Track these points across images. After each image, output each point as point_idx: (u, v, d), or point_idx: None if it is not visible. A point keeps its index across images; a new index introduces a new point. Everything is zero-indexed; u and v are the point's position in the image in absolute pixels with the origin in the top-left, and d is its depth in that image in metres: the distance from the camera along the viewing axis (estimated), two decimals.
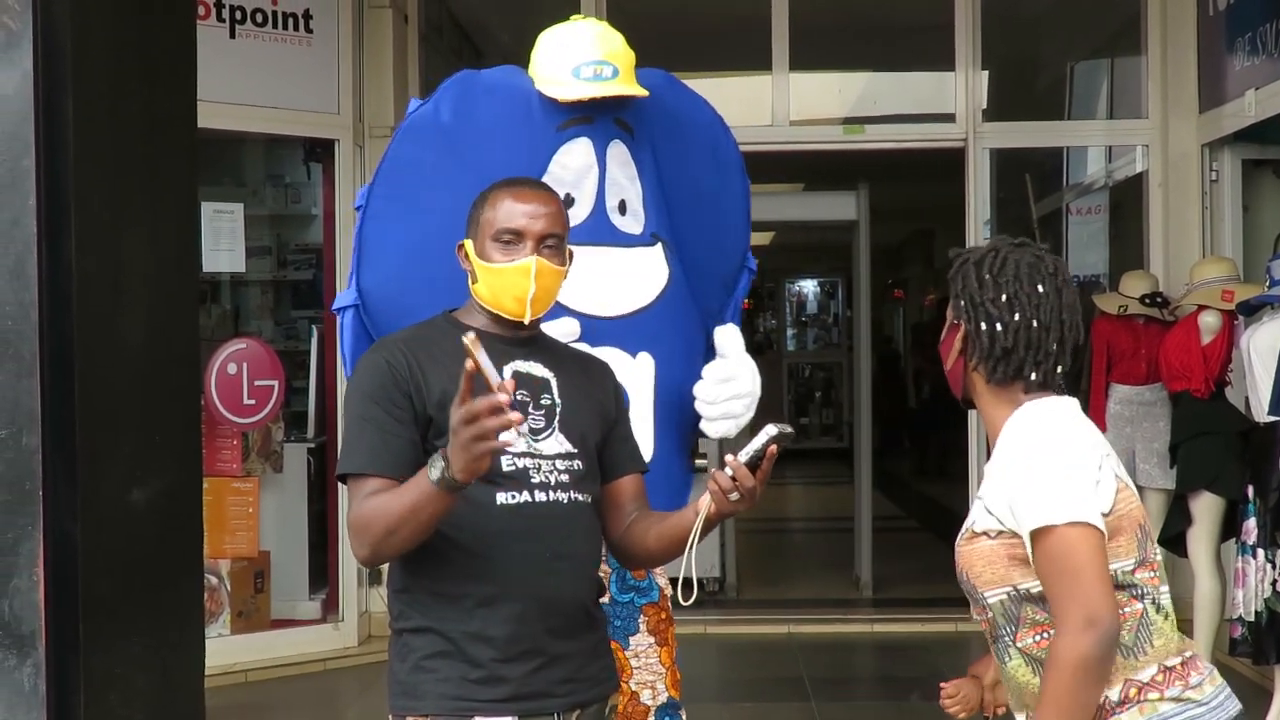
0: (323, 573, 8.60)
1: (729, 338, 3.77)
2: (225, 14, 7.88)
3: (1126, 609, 2.61)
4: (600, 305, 3.55)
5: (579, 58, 3.53)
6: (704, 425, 3.68)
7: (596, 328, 3.52)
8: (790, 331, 21.68)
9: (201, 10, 7.62)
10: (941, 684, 3.08)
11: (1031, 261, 2.78)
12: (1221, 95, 8.22)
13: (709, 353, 3.76)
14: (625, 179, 3.62)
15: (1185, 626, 7.21)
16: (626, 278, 3.60)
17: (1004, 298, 2.75)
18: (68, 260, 3.88)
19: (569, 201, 3.50)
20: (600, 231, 3.58)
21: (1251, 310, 6.46)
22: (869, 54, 11.30)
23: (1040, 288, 2.75)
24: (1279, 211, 8.55)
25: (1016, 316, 2.74)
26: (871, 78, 11.82)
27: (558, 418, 2.98)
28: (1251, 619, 6.13)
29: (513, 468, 2.88)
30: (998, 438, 2.75)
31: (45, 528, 3.68)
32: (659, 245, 3.67)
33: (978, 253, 2.83)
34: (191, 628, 4.70)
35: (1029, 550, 2.61)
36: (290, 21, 8.10)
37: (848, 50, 10.99)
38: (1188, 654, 2.69)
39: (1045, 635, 2.63)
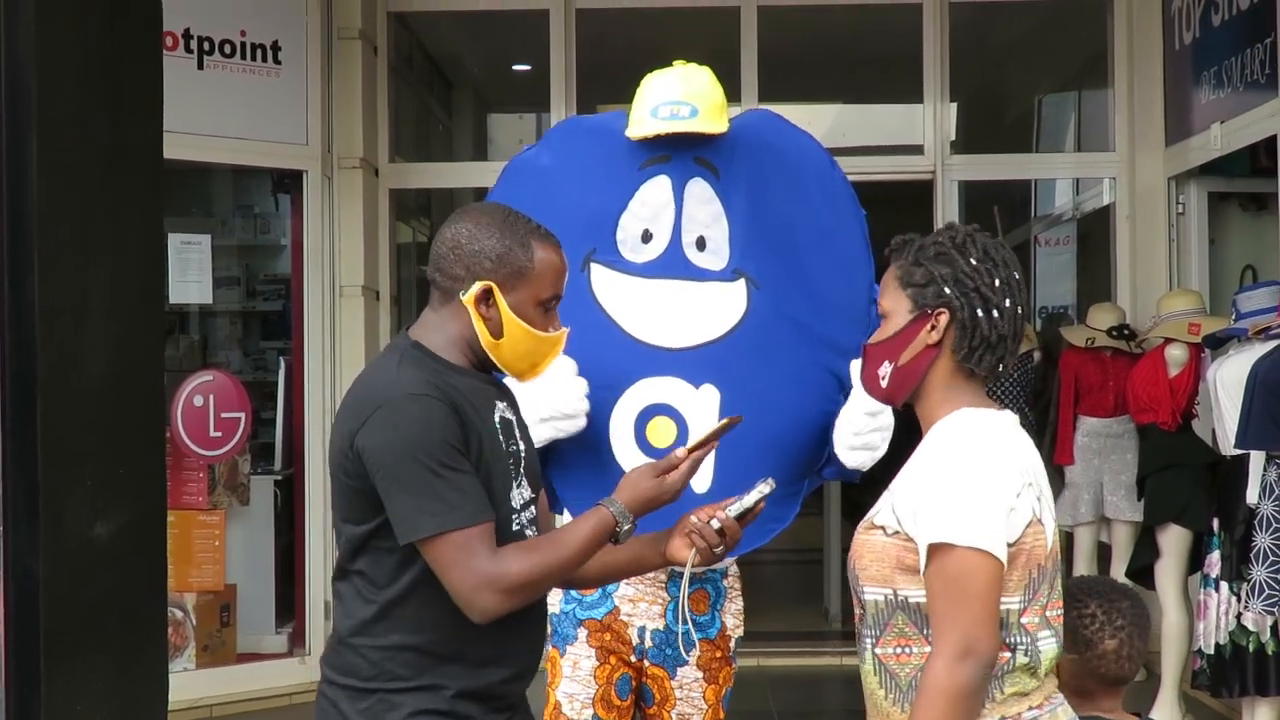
0: (289, 606, 8.52)
1: None
2: (193, 45, 7.84)
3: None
4: (662, 336, 3.61)
5: (659, 98, 3.59)
6: (842, 454, 3.63)
7: (657, 358, 3.59)
8: None
9: (169, 41, 7.57)
10: None
11: (999, 247, 2.67)
12: (1188, 128, 8.27)
13: (843, 389, 3.69)
14: (706, 216, 3.65)
15: (1154, 658, 7.26)
16: (694, 311, 3.63)
17: (997, 282, 2.61)
18: (31, 292, 3.86)
19: (646, 237, 3.62)
20: (673, 266, 3.65)
21: (1218, 343, 6.48)
22: (838, 86, 11.35)
23: (1016, 274, 2.65)
24: (1245, 244, 8.59)
25: (1008, 302, 2.61)
26: (840, 109, 11.87)
27: (522, 463, 2.93)
28: (1211, 651, 6.13)
29: (516, 524, 2.86)
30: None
31: (6, 563, 3.65)
32: (741, 280, 3.67)
33: (945, 236, 2.67)
34: (155, 663, 4.65)
35: (922, 561, 2.49)
36: (259, 53, 8.07)
37: (817, 82, 11.03)
38: (1041, 712, 2.56)
39: (906, 650, 2.54)
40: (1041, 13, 9.45)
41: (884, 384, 2.71)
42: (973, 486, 2.48)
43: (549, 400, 3.48)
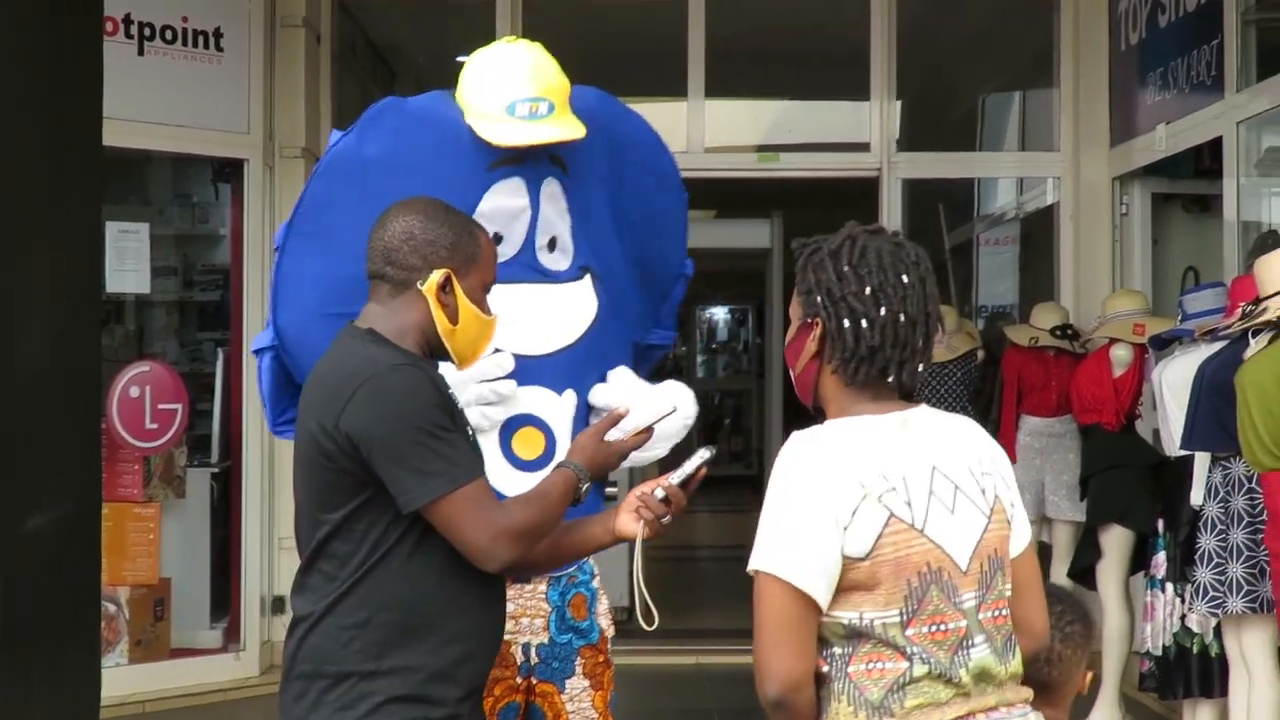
0: (224, 601, 8.43)
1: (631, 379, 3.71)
2: (134, 30, 7.72)
3: (877, 665, 2.44)
4: (527, 344, 3.48)
5: (513, 93, 3.41)
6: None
7: (523, 367, 3.46)
8: (700, 358, 21.67)
9: (109, 26, 7.44)
10: None
11: (892, 250, 2.56)
12: (1132, 129, 8.29)
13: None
14: (556, 215, 3.55)
15: (1095, 658, 7.25)
16: (553, 315, 3.54)
17: (867, 290, 2.51)
18: None
19: (497, 240, 3.41)
20: (526, 270, 3.51)
21: (1163, 344, 6.50)
22: (785, 82, 11.33)
23: (905, 278, 2.53)
24: (1188, 245, 8.62)
25: (882, 311, 2.51)
26: (787, 106, 11.86)
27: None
28: (1159, 653, 6.14)
29: None
30: None
31: None
32: (587, 278, 3.61)
33: (832, 241, 2.59)
34: (88, 659, 4.58)
35: None
36: (201, 39, 7.96)
37: (764, 78, 11.02)
38: None
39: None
40: (988, 11, 9.48)
41: (797, 389, 2.69)
42: (772, 512, 2.45)
43: (479, 379, 3.38)
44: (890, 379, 2.54)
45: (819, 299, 2.56)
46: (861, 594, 2.44)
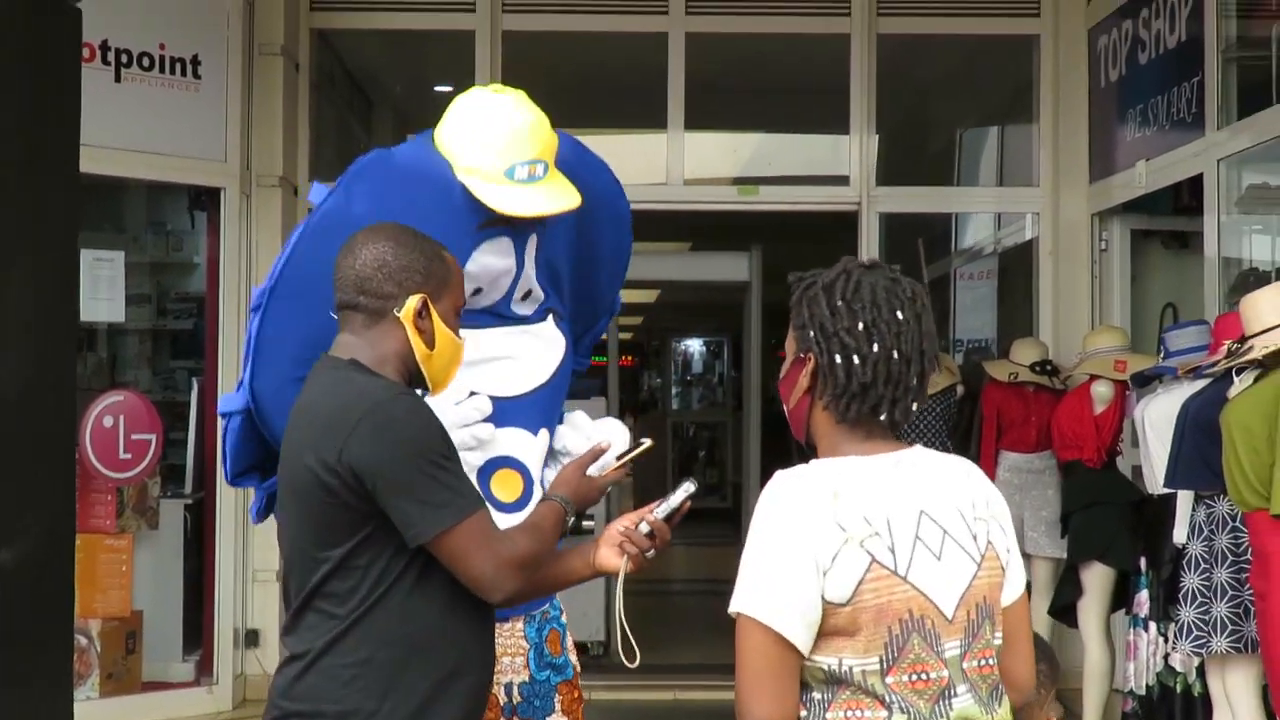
0: (197, 633, 8.34)
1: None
2: (111, 57, 7.68)
3: (855, 712, 2.40)
4: (504, 386, 3.46)
5: (513, 155, 3.33)
6: None
7: (500, 409, 3.42)
8: (675, 390, 21.64)
9: (86, 53, 7.40)
10: None
11: (888, 285, 2.50)
12: (1112, 166, 8.30)
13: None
14: (532, 269, 3.50)
15: (1075, 696, 7.24)
16: (526, 357, 3.52)
17: (860, 326, 2.46)
18: None
19: (475, 292, 3.39)
20: (496, 316, 3.49)
21: (1145, 381, 6.48)
22: (764, 115, 11.34)
23: (900, 314, 2.47)
24: (1167, 282, 8.63)
25: (875, 348, 2.45)
26: (766, 139, 11.85)
27: None
28: (1143, 692, 6.11)
29: None
30: None
31: None
32: (550, 317, 3.60)
33: (827, 275, 2.54)
34: (60, 693, 4.50)
35: None
36: (178, 66, 7.92)
37: (743, 111, 11.02)
38: None
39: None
40: (969, 47, 9.48)
41: (790, 423, 2.65)
42: (753, 554, 2.41)
43: (459, 426, 3.33)
44: (882, 416, 2.50)
45: (812, 334, 2.52)
46: (842, 639, 2.40)
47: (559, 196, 3.39)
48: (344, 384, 2.77)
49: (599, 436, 3.52)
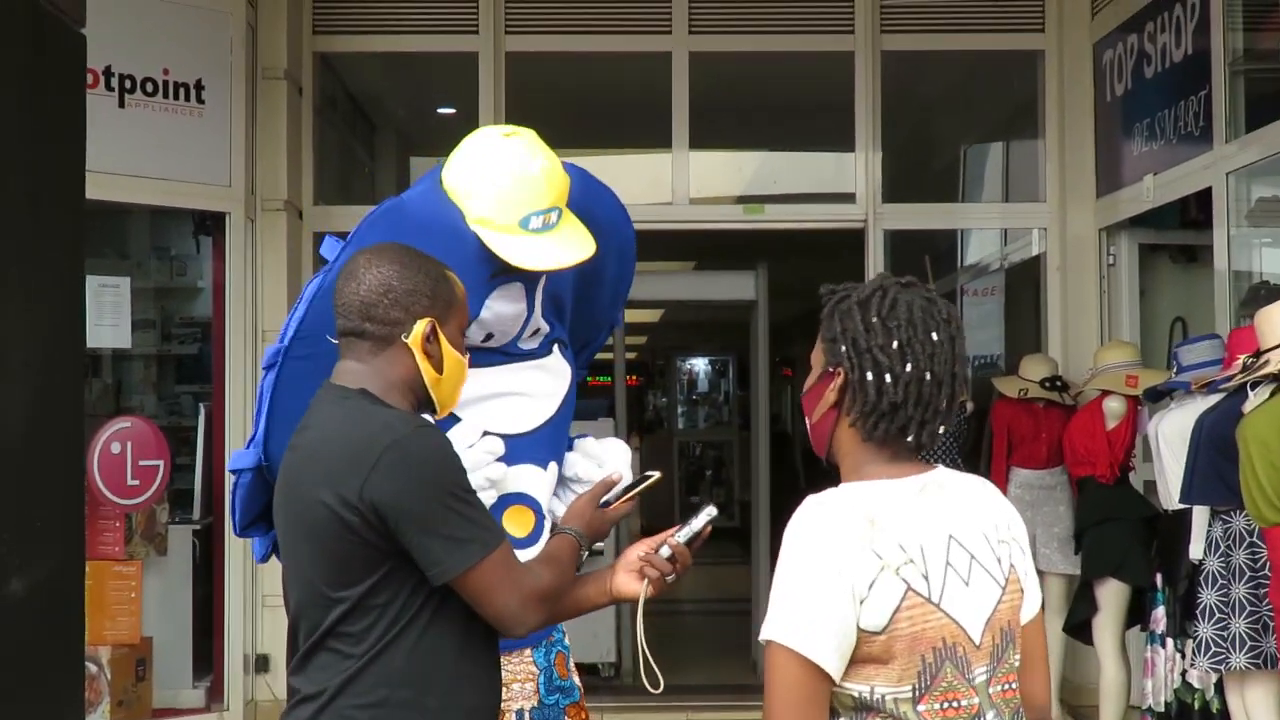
0: (207, 660, 8.30)
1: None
2: (114, 83, 7.67)
3: None
4: (514, 423, 3.42)
5: (528, 205, 3.26)
6: None
7: (510, 446, 3.37)
8: (681, 409, 21.60)
9: (90, 79, 7.39)
10: None
11: (924, 305, 2.46)
12: (1119, 180, 8.28)
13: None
14: (540, 309, 3.47)
15: (1091, 713, 7.19)
16: (534, 392, 3.49)
17: (895, 344, 2.42)
18: None
19: (487, 338, 3.37)
20: (504, 354, 3.45)
21: (1157, 396, 6.45)
22: (769, 133, 11.32)
23: (934, 335, 2.43)
24: (1176, 296, 8.60)
25: (908, 367, 2.41)
26: (772, 157, 11.83)
27: None
28: (1161, 709, 6.07)
29: None
30: None
31: None
32: (555, 348, 3.57)
33: (862, 291, 2.50)
34: None
35: None
36: (182, 91, 7.91)
37: (748, 129, 11.00)
38: None
39: None
40: (973, 63, 9.46)
41: (811, 439, 2.60)
42: (787, 581, 2.36)
43: (472, 470, 3.26)
44: (910, 438, 2.46)
45: (843, 348, 2.47)
46: (874, 667, 2.36)
47: (575, 246, 3.34)
48: (359, 416, 2.69)
49: (605, 457, 3.53)
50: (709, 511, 2.96)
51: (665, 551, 2.92)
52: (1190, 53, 7.32)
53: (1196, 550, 5.63)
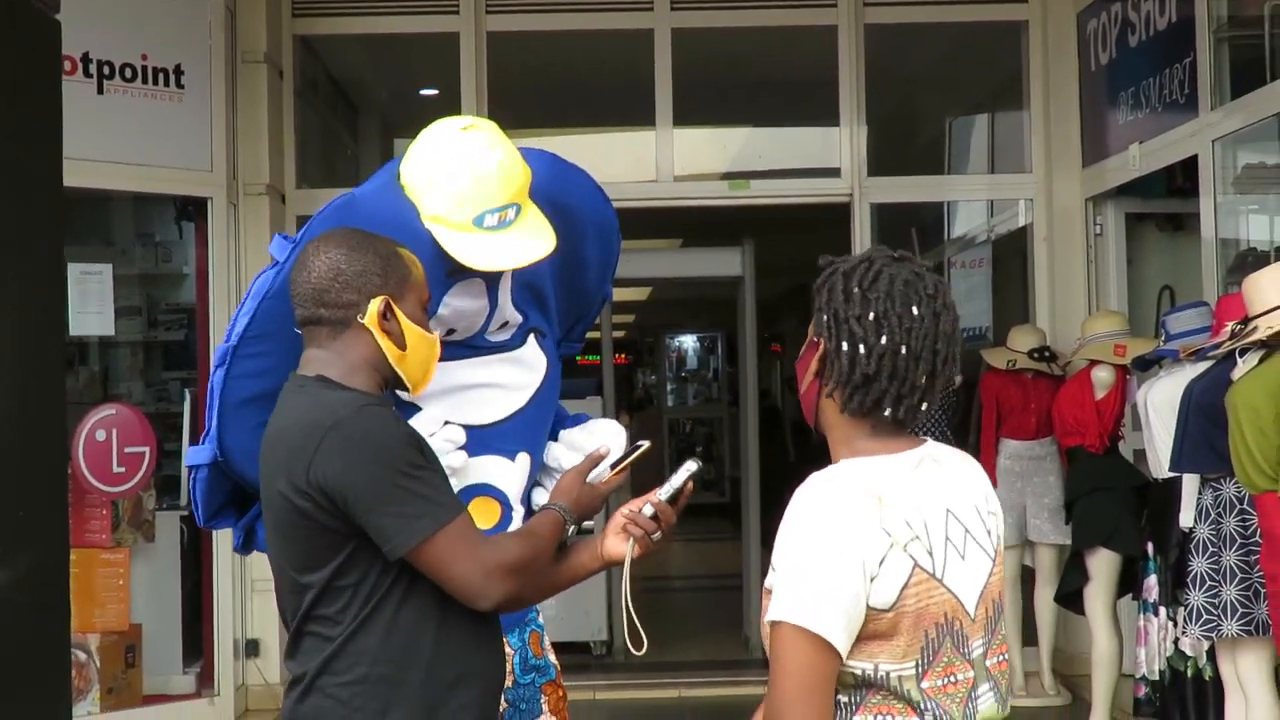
0: (197, 645, 8.29)
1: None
2: (93, 69, 7.61)
3: (886, 718, 2.35)
4: (478, 415, 3.39)
5: (482, 202, 3.19)
6: None
7: (474, 437, 3.35)
8: (670, 387, 21.60)
9: (67, 65, 7.35)
10: None
11: (908, 279, 2.43)
12: (1105, 149, 8.26)
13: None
14: (506, 300, 3.41)
15: (1084, 683, 7.20)
16: (501, 384, 3.45)
17: (871, 316, 2.39)
18: None
19: (450, 333, 3.32)
20: (471, 348, 3.41)
21: (1146, 365, 6.44)
22: (753, 109, 11.28)
23: (915, 310, 2.39)
24: (1163, 265, 8.59)
25: (883, 340, 2.38)
26: (756, 133, 11.80)
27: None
28: (1155, 677, 6.07)
29: None
30: None
31: None
32: (532, 338, 3.52)
33: (849, 262, 2.48)
34: (57, 711, 4.43)
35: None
36: (161, 77, 7.86)
37: (732, 105, 10.96)
38: None
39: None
40: (956, 35, 9.43)
41: (802, 407, 2.59)
42: (796, 561, 2.33)
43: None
44: (886, 412, 2.43)
45: (825, 318, 2.46)
46: (879, 643, 2.34)
47: (530, 244, 3.27)
48: (309, 404, 2.71)
49: (591, 446, 3.45)
50: (688, 466, 2.93)
51: (648, 510, 2.90)
52: (1174, 20, 7.29)
53: (1187, 518, 5.61)
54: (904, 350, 2.39)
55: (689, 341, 21.70)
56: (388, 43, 9.42)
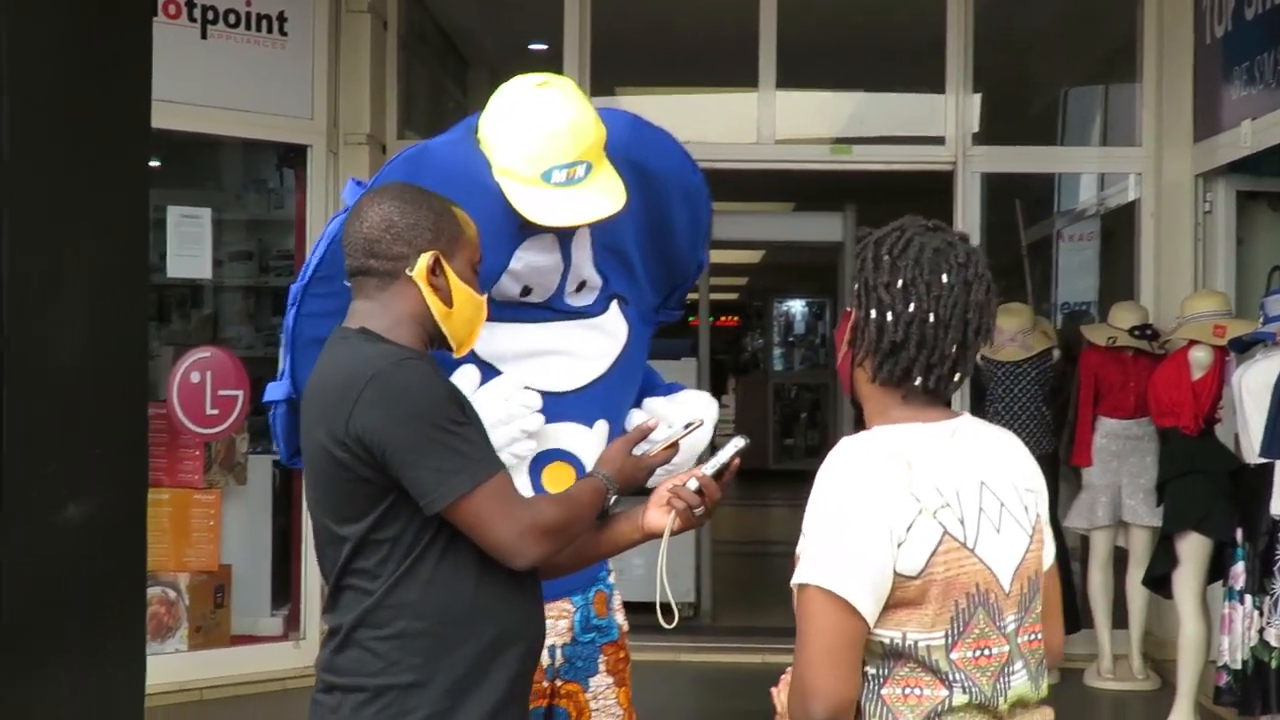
0: (285, 588, 8.39)
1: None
2: (196, 14, 7.66)
3: (914, 690, 2.34)
4: (557, 381, 3.39)
5: (551, 158, 3.21)
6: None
7: (552, 403, 3.35)
8: (777, 351, 21.53)
9: (172, 9, 7.44)
10: None
11: (939, 247, 2.41)
12: (1217, 125, 8.06)
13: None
14: (584, 260, 3.42)
15: (1171, 668, 7.07)
16: (581, 351, 3.45)
17: (900, 283, 2.38)
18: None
19: (526, 291, 3.34)
20: (551, 310, 3.42)
21: (1244, 347, 6.30)
22: (858, 74, 11.18)
23: (944, 278, 2.38)
24: (1273, 245, 8.38)
25: (911, 307, 2.37)
26: (860, 98, 11.70)
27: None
28: (1237, 667, 5.95)
29: None
30: None
31: None
32: (614, 305, 3.52)
33: (882, 230, 2.48)
34: (130, 654, 4.50)
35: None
36: (264, 23, 7.90)
37: (836, 70, 10.86)
38: None
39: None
40: (1068, 3, 9.26)
41: (840, 378, 2.58)
42: (823, 524, 2.32)
43: (508, 422, 3.26)
44: (917, 382, 2.40)
45: (856, 286, 2.45)
46: (907, 612, 2.33)
47: (597, 201, 3.27)
48: (351, 356, 2.70)
49: (676, 416, 3.45)
50: (735, 443, 2.91)
51: (693, 484, 2.87)
52: None
53: (1277, 505, 5.50)
54: (932, 318, 2.38)
55: (797, 306, 21.60)
56: None
